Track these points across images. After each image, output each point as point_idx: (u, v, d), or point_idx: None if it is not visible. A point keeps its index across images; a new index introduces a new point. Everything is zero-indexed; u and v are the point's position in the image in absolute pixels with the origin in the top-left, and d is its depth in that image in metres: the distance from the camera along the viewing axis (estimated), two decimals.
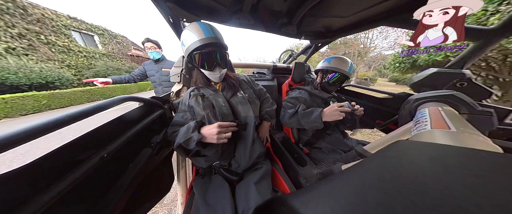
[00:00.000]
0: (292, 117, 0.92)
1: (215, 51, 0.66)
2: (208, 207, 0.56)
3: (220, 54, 0.67)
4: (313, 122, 0.82)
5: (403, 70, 5.07)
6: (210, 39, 0.63)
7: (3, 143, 0.25)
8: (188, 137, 0.59)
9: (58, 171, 0.35)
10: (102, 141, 0.46)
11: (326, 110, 0.81)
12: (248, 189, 0.61)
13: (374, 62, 21.24)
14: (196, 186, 0.66)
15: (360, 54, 14.75)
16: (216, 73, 0.69)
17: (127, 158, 0.58)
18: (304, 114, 0.87)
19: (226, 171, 0.70)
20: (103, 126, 0.47)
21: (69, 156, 0.38)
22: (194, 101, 0.70)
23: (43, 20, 8.02)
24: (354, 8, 0.81)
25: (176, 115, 0.74)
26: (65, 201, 0.36)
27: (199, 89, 0.74)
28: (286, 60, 1.96)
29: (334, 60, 0.99)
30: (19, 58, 6.80)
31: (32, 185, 0.31)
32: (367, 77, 18.50)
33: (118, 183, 0.50)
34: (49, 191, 0.32)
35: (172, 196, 1.58)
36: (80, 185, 0.38)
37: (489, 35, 0.62)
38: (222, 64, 0.69)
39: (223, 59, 0.69)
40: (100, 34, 11.16)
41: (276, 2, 0.75)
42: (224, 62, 0.70)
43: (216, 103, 0.69)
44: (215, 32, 0.65)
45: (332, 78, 0.98)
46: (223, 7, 0.78)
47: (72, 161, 0.38)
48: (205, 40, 0.62)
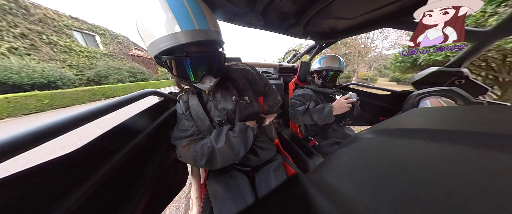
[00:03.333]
0: (304, 114, 0.98)
1: (203, 55, 0.43)
2: (229, 196, 0.57)
3: (211, 58, 0.45)
4: (326, 116, 0.90)
5: (403, 70, 5.11)
6: (193, 35, 0.37)
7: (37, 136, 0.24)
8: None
9: (93, 163, 0.37)
10: (132, 133, 0.50)
11: (335, 104, 0.90)
12: (267, 176, 0.65)
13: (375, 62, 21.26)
14: (213, 179, 0.67)
15: (360, 54, 14.79)
16: (205, 84, 0.49)
17: (150, 151, 0.61)
18: (315, 110, 0.94)
19: (239, 165, 0.72)
20: (133, 117, 0.50)
21: (103, 147, 0.40)
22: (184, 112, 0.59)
23: (45, 20, 8.06)
24: (360, 10, 0.85)
25: (181, 123, 0.62)
26: (100, 192, 0.37)
27: (187, 96, 0.61)
28: (290, 60, 2.01)
29: (324, 60, 1.10)
30: (21, 58, 6.85)
31: (72, 175, 0.32)
32: (368, 77, 18.54)
33: (142, 175, 0.53)
34: (86, 182, 0.34)
35: (179, 193, 1.61)
36: (111, 177, 0.39)
37: (485, 37, 0.67)
38: (214, 73, 0.47)
39: (217, 64, 0.47)
40: (101, 34, 11.19)
41: (286, 3, 0.78)
42: (218, 68, 0.48)
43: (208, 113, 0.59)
44: (201, 17, 0.38)
45: (327, 77, 1.09)
46: (235, 7, 0.81)
47: (107, 151, 0.40)
48: (182, 36, 0.36)
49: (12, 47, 6.77)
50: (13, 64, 6.06)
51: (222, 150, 0.54)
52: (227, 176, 0.68)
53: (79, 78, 8.58)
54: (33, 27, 7.55)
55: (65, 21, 8.95)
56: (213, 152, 0.54)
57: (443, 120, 0.21)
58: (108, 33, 11.72)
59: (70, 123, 0.29)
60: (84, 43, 9.93)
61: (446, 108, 0.26)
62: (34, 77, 6.29)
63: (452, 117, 0.22)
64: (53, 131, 0.26)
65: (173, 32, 0.36)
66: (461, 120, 0.20)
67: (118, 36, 12.58)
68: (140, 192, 0.49)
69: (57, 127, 0.27)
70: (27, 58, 7.05)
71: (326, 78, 1.09)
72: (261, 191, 0.63)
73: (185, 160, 0.58)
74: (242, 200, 0.56)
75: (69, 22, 9.11)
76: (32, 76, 6.22)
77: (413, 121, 0.23)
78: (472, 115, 0.22)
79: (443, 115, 0.23)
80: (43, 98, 5.58)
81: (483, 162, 0.13)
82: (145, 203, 0.51)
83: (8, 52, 6.61)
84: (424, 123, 0.22)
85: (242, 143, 0.57)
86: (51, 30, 8.23)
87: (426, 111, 0.27)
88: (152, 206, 0.59)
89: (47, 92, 5.73)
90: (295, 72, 1.41)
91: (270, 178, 0.64)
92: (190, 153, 0.55)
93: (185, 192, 1.58)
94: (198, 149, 0.55)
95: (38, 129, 0.25)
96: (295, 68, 1.69)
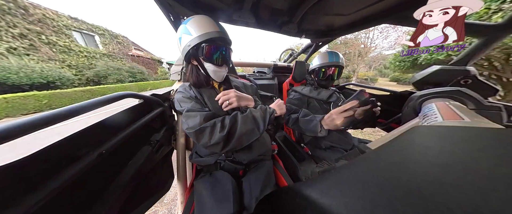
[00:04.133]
0: (294, 124, 0.91)
1: (224, 47, 0.63)
2: (213, 202, 0.55)
3: (226, 51, 0.65)
4: (312, 132, 0.79)
5: (403, 69, 5.05)
6: (220, 34, 0.61)
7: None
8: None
9: (54, 168, 0.34)
10: (101, 137, 0.46)
11: (326, 118, 0.76)
12: (253, 183, 0.63)
13: (375, 62, 21.19)
14: (199, 184, 0.65)
15: (360, 54, 14.71)
16: (222, 70, 0.66)
17: (126, 156, 0.57)
18: (304, 121, 0.85)
19: (232, 162, 0.70)
20: (102, 122, 0.47)
21: (65, 152, 0.37)
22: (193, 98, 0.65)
23: (44, 20, 8.06)
24: (356, 6, 0.80)
25: (184, 105, 0.64)
26: (61, 200, 0.34)
27: (199, 89, 0.69)
28: (286, 59, 1.96)
29: (315, 59, 1.06)
30: (20, 58, 6.84)
31: (24, 182, 0.29)
32: (368, 77, 18.46)
33: (116, 180, 0.50)
34: (43, 189, 0.31)
35: (172, 195, 1.57)
36: (76, 183, 0.36)
37: (494, 32, 0.61)
38: (227, 63, 0.67)
39: (229, 57, 0.67)
40: (100, 34, 11.19)
41: (277, 0, 0.74)
42: (230, 60, 0.68)
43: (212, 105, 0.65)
44: (223, 28, 0.64)
45: (320, 74, 1.02)
46: (224, 5, 0.78)
47: (69, 157, 0.37)
48: (216, 33, 0.60)
49: (11, 47, 6.76)
50: (12, 64, 6.05)
51: (244, 118, 0.58)
52: (214, 179, 0.66)
53: (78, 78, 8.58)
54: (32, 27, 7.54)
55: (65, 21, 8.94)
56: (236, 121, 0.58)
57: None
58: (108, 33, 11.72)
59: (32, 125, 0.26)
60: (83, 43, 9.92)
61: (472, 132, 0.17)
62: (33, 77, 6.28)
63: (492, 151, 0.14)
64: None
65: (213, 30, 0.60)
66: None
67: (118, 36, 12.58)
68: (114, 197, 0.46)
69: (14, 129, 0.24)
70: (26, 58, 7.05)
71: (319, 76, 1.02)
72: (247, 198, 0.60)
73: (200, 132, 0.55)
74: (226, 206, 0.54)
75: (68, 22, 9.10)
76: (31, 76, 6.22)
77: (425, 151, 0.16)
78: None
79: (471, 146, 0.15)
80: (42, 98, 5.56)
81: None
82: (119, 207, 0.48)
83: (7, 52, 6.61)
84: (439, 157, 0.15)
85: (262, 119, 0.60)
86: (50, 30, 8.23)
87: (438, 135, 0.18)
88: (130, 210, 0.57)
89: (45, 92, 5.72)
90: (290, 72, 1.36)
91: (258, 185, 0.62)
92: (210, 123, 0.56)
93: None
94: (220, 120, 0.57)
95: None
96: (290, 68, 1.64)
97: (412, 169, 0.15)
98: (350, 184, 0.17)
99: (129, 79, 10.98)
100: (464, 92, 0.53)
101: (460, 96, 0.53)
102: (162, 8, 0.75)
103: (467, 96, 0.52)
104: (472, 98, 0.52)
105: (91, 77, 9.06)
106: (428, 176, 0.13)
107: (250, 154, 0.70)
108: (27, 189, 0.29)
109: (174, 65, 0.95)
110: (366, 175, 0.17)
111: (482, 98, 0.52)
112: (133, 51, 14.04)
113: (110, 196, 0.46)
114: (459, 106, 0.45)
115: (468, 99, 0.52)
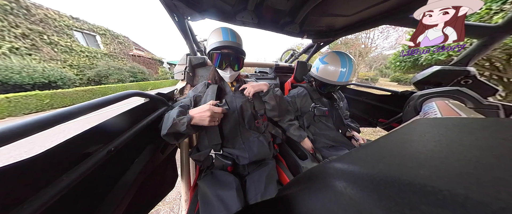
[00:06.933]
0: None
1: (230, 54, 0.72)
2: (218, 200, 0.57)
3: (233, 57, 0.73)
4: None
5: (404, 70, 5.04)
6: (227, 43, 0.70)
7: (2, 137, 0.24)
8: (180, 119, 0.57)
9: (66, 164, 0.35)
10: (109, 135, 0.47)
11: (308, 142, 0.92)
12: (257, 180, 0.66)
13: (375, 62, 21.14)
14: (203, 183, 0.67)
15: (361, 54, 14.68)
16: (226, 73, 0.76)
17: (133, 154, 0.58)
18: (293, 135, 0.95)
19: (221, 157, 0.72)
20: (109, 120, 0.48)
21: (77, 149, 0.38)
22: (211, 91, 0.77)
23: (46, 20, 8.09)
24: (357, 7, 0.81)
25: (173, 109, 0.69)
26: (72, 196, 0.35)
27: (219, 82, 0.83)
28: (288, 59, 1.97)
29: (322, 68, 0.91)
30: (22, 58, 6.87)
31: (37, 179, 0.30)
32: (368, 77, 18.42)
33: (123, 178, 0.51)
34: (56, 185, 0.32)
35: (174, 195, 1.58)
36: (86, 180, 0.37)
37: (494, 32, 0.62)
38: (234, 67, 0.76)
39: (236, 62, 0.75)
40: (102, 34, 11.22)
41: (280, 1, 0.75)
42: (237, 65, 0.76)
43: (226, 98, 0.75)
44: (235, 37, 0.72)
45: (323, 88, 0.98)
46: (228, 6, 0.79)
47: (80, 154, 0.38)
48: (223, 42, 0.69)
49: (13, 47, 6.79)
50: (14, 64, 6.07)
51: (167, 116, 0.63)
52: (217, 178, 0.67)
53: (79, 78, 8.61)
54: (34, 27, 7.57)
55: (66, 21, 8.97)
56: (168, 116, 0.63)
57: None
58: (109, 33, 11.74)
59: (45, 123, 0.29)
60: (84, 43, 9.95)
61: (462, 120, 0.20)
62: (35, 77, 6.31)
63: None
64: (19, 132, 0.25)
65: (220, 39, 0.70)
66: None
67: (119, 36, 12.60)
68: (121, 194, 0.47)
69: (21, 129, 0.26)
70: (28, 58, 7.08)
71: (321, 89, 0.99)
72: (252, 194, 0.62)
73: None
74: (230, 204, 0.55)
75: (70, 22, 9.14)
76: (33, 76, 6.24)
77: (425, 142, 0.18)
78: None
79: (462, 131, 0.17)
80: (44, 97, 5.59)
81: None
82: (126, 206, 0.49)
83: (9, 52, 6.64)
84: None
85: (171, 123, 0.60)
86: (52, 30, 8.26)
87: (436, 124, 0.20)
88: (136, 209, 0.58)
89: (47, 92, 5.74)
90: (292, 72, 1.37)
91: (261, 183, 0.65)
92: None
93: (181, 194, 1.55)
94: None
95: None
96: (291, 68, 1.65)
97: (410, 149, 0.17)
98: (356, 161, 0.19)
99: (130, 79, 11.01)
100: (463, 91, 0.54)
101: (460, 95, 0.54)
102: (167, 8, 0.76)
103: (466, 95, 0.53)
104: (471, 98, 0.53)
105: (92, 77, 9.09)
106: (425, 154, 0.15)
107: (249, 155, 0.72)
108: (41, 185, 0.30)
109: (177, 65, 0.96)
110: (366, 158, 0.19)
111: (481, 98, 0.53)
112: (134, 51, 14.07)
113: (118, 194, 0.47)
114: (458, 105, 0.47)
115: (467, 98, 0.53)
